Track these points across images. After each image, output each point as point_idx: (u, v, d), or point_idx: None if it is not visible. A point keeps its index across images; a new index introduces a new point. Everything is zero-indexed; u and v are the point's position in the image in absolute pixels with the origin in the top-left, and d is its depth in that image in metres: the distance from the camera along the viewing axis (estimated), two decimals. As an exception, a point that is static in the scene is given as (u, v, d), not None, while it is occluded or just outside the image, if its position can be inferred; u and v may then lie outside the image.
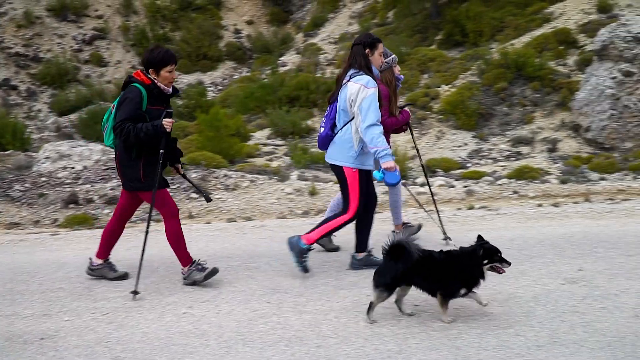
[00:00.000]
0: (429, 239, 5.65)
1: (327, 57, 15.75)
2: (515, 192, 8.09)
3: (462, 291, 3.90)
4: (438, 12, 14.96)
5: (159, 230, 6.32)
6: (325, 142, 5.03)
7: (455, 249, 4.16)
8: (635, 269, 4.86)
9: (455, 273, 3.89)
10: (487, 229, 6.30)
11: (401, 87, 6.23)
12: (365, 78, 4.68)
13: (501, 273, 3.99)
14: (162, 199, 4.74)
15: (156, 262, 5.30)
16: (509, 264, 3.96)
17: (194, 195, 7.66)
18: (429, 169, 9.21)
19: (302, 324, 3.94)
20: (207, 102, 13.35)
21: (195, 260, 4.76)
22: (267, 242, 6.02)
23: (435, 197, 6.41)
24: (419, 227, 5.95)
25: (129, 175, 4.68)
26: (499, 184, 8.37)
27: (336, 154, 4.90)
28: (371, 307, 3.94)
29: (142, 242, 4.66)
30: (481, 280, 3.90)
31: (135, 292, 4.45)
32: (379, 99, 4.70)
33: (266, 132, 11.71)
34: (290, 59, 16.48)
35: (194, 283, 4.71)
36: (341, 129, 4.86)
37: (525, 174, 8.61)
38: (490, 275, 3.96)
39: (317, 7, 19.26)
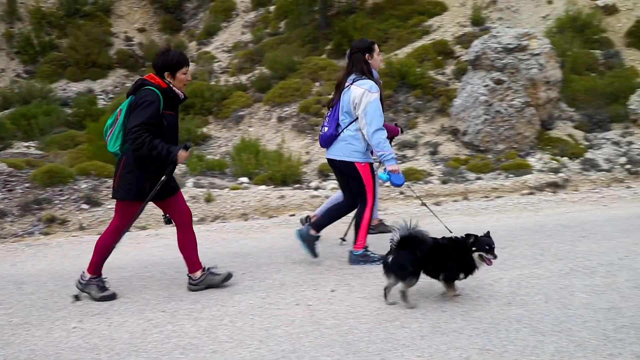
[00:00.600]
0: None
1: (221, 65, 15.58)
2: (401, 193, 8.39)
3: (462, 275, 4.27)
4: (327, 23, 15.25)
5: (47, 243, 5.99)
6: (329, 140, 5.13)
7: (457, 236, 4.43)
8: (507, 260, 5.19)
9: (455, 261, 4.25)
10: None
11: None
12: (369, 83, 4.92)
13: (489, 264, 4.24)
14: (182, 208, 4.65)
15: (44, 277, 5.02)
16: (495, 257, 4.23)
17: (85, 206, 7.32)
18: (323, 174, 9.38)
19: (197, 331, 3.88)
20: (97, 111, 12.79)
21: (209, 268, 4.67)
22: (162, 251, 5.86)
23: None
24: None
25: (127, 183, 4.32)
26: (387, 186, 8.64)
27: (344, 152, 5.06)
28: (387, 290, 4.22)
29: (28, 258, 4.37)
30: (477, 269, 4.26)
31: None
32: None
33: (160, 140, 11.40)
34: (184, 67, 16.18)
35: (208, 287, 4.60)
36: (345, 128, 5.04)
37: (410, 176, 8.92)
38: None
39: (210, 16, 19.00)
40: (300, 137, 10.82)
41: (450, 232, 4.71)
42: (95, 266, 4.46)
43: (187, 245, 4.63)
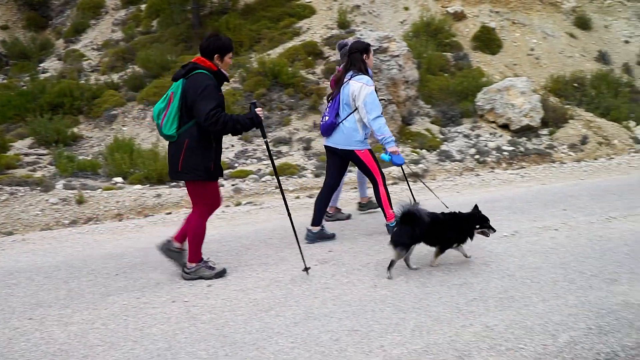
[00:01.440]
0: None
1: (90, 64, 14.69)
2: (277, 187, 8.44)
3: (455, 245, 4.79)
4: (200, 23, 14.91)
5: None
6: (329, 128, 5.49)
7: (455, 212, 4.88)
8: (373, 246, 5.40)
9: (453, 233, 4.74)
10: (252, 222, 6.51)
11: None
12: (365, 77, 5.33)
13: (488, 236, 4.92)
14: (212, 192, 4.57)
15: None
16: (494, 230, 4.88)
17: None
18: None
19: (67, 337, 3.64)
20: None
21: (206, 260, 4.68)
22: (29, 256, 5.43)
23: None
24: (348, 216, 6.64)
25: (195, 165, 4.31)
26: (263, 181, 8.64)
27: (345, 141, 5.44)
28: (392, 264, 4.57)
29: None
30: (469, 239, 4.79)
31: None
32: None
33: (28, 141, 10.56)
34: (52, 65, 15.05)
35: (199, 278, 4.57)
36: (345, 118, 5.40)
37: (285, 170, 9.02)
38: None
39: (78, 13, 17.83)
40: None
41: (447, 207, 5.21)
42: (194, 253, 4.56)
43: (196, 230, 4.58)
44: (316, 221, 5.64)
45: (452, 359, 3.30)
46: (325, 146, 5.71)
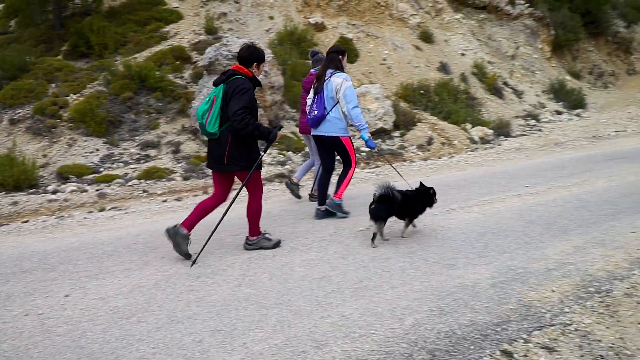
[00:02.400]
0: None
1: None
2: (145, 191, 8.04)
3: (420, 215, 5.60)
4: (62, 24, 13.82)
5: None
6: (318, 120, 6.05)
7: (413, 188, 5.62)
8: (239, 246, 5.32)
9: (419, 205, 5.51)
10: (116, 227, 6.13)
11: None
12: (344, 74, 6.03)
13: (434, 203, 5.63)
14: (257, 179, 5.10)
15: None
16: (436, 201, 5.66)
17: None
18: (62, 176, 8.52)
19: None
20: None
21: (264, 233, 5.31)
22: None
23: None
24: (298, 196, 7.37)
25: (239, 157, 4.80)
26: (130, 185, 8.20)
27: (331, 129, 6.05)
28: (374, 236, 5.30)
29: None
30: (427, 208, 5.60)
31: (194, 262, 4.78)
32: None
33: None
34: None
35: (260, 248, 5.19)
36: (330, 110, 6.00)
37: (153, 174, 8.63)
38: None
39: None
40: (37, 139, 9.62)
41: (410, 185, 5.70)
42: (255, 228, 5.18)
43: (254, 214, 5.16)
44: (322, 200, 6.40)
45: (311, 350, 3.33)
46: (314, 136, 6.28)
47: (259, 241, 5.22)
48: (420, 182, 5.72)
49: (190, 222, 4.93)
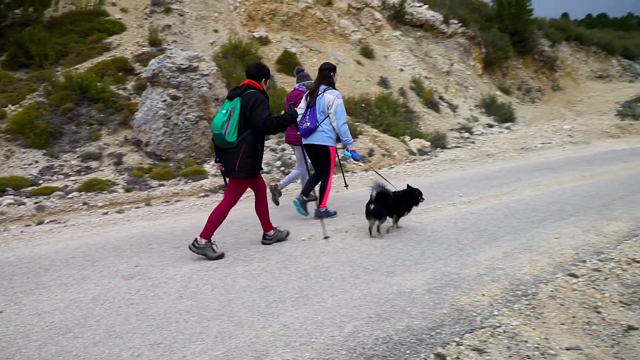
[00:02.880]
0: None
1: None
2: (85, 204, 7.75)
3: (406, 213, 6.22)
4: (1, 34, 13.19)
5: None
6: (310, 131, 6.44)
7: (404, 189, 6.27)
8: (181, 258, 5.20)
9: (406, 204, 6.13)
10: (54, 241, 5.87)
11: None
12: (336, 92, 6.51)
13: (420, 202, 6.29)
14: (260, 182, 5.57)
15: None
16: (423, 199, 6.33)
17: None
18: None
19: None
20: None
21: (276, 227, 5.76)
22: None
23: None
24: (277, 203, 7.36)
25: (248, 165, 5.14)
26: (70, 197, 7.89)
27: (322, 139, 6.48)
28: (370, 230, 5.92)
29: None
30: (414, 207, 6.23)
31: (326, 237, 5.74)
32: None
33: None
34: None
35: (278, 241, 5.70)
36: (322, 123, 6.42)
37: (94, 186, 8.34)
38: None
39: None
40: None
41: (394, 187, 6.14)
42: (210, 233, 5.21)
43: (263, 210, 5.62)
44: (305, 192, 6.77)
45: (251, 360, 3.28)
46: (306, 145, 6.62)
47: (275, 234, 5.72)
48: (408, 185, 6.41)
49: (208, 232, 5.22)
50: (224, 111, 5.02)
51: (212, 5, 15.41)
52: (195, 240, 5.17)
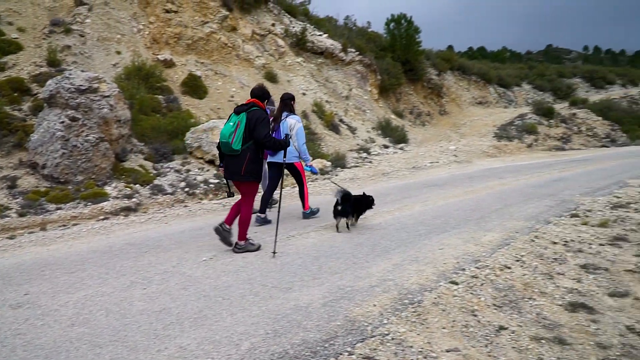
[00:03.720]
0: None
1: None
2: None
3: (363, 215, 7.33)
4: None
5: None
6: (275, 151, 7.08)
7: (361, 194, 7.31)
8: (75, 284, 4.87)
9: (364, 205, 7.19)
10: None
11: None
12: (296, 117, 7.46)
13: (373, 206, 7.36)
14: (255, 190, 6.03)
15: None
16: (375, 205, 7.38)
17: None
18: None
19: None
20: None
21: (248, 239, 6.00)
22: None
23: None
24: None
25: (253, 170, 5.73)
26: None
27: (290, 158, 7.16)
28: (337, 227, 6.92)
29: None
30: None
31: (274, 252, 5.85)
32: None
33: None
34: None
35: (246, 251, 5.92)
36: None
37: (-18, 212, 7.63)
38: None
39: None
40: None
41: (339, 191, 6.96)
42: (244, 234, 5.89)
43: (245, 218, 5.91)
44: (263, 210, 7.53)
45: (145, 385, 3.12)
46: (270, 162, 7.40)
47: (246, 246, 5.95)
48: (363, 192, 7.37)
49: (230, 219, 5.95)
50: (231, 123, 5.66)
51: (115, 27, 14.82)
52: (236, 243, 5.92)
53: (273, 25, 19.41)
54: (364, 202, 7.20)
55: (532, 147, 20.52)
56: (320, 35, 21.52)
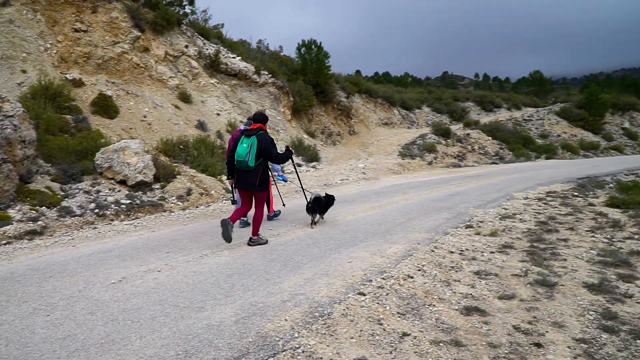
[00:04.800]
0: None
1: None
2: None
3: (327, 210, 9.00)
4: None
5: None
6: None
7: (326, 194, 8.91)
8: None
9: (328, 205, 8.83)
10: None
11: None
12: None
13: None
14: (266, 197, 7.32)
15: None
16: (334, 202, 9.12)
17: None
18: None
19: None
20: None
21: (259, 235, 7.25)
22: None
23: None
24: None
25: (264, 182, 6.98)
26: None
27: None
28: (312, 221, 8.51)
29: None
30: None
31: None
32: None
33: None
34: None
35: (258, 244, 7.11)
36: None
37: None
38: None
39: None
40: None
41: (312, 194, 8.72)
42: (257, 230, 7.18)
43: (259, 218, 7.17)
44: (269, 209, 9.03)
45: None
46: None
47: (257, 240, 7.13)
48: (326, 193, 8.96)
49: (256, 230, 7.16)
50: (244, 145, 6.75)
51: (20, 45, 13.84)
52: (250, 238, 7.13)
53: (186, 46, 19.06)
54: (328, 202, 8.80)
55: (432, 164, 21.63)
56: (233, 57, 21.43)
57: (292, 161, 8.02)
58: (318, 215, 8.65)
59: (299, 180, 9.76)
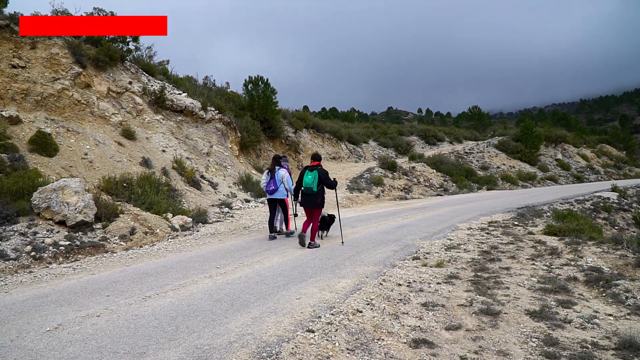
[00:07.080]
0: None
1: None
2: None
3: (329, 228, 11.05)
4: None
5: None
6: (273, 191, 10.76)
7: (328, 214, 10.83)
8: None
9: (331, 223, 10.86)
10: None
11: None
12: (284, 170, 11.02)
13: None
14: (320, 212, 10.03)
15: None
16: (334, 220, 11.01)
17: None
18: None
19: None
20: None
21: (316, 240, 10.34)
22: None
23: None
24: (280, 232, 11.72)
25: (321, 201, 9.71)
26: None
27: (282, 195, 10.86)
28: (320, 236, 10.85)
29: None
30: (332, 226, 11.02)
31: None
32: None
33: None
34: None
35: (315, 247, 9.78)
36: (280, 185, 10.75)
37: None
38: None
39: None
40: None
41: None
42: (314, 236, 9.87)
43: (316, 227, 9.98)
44: (272, 230, 10.97)
45: None
46: (271, 199, 10.93)
47: (314, 243, 9.76)
48: (328, 213, 10.89)
49: (313, 236, 9.88)
50: (310, 176, 9.63)
51: (-51, 80, 13.18)
52: (310, 243, 9.76)
53: (130, 83, 18.77)
54: (331, 220, 10.81)
55: (380, 197, 22.01)
56: (179, 93, 21.26)
57: (335, 190, 10.63)
58: (325, 232, 10.85)
59: (337, 204, 12.15)
